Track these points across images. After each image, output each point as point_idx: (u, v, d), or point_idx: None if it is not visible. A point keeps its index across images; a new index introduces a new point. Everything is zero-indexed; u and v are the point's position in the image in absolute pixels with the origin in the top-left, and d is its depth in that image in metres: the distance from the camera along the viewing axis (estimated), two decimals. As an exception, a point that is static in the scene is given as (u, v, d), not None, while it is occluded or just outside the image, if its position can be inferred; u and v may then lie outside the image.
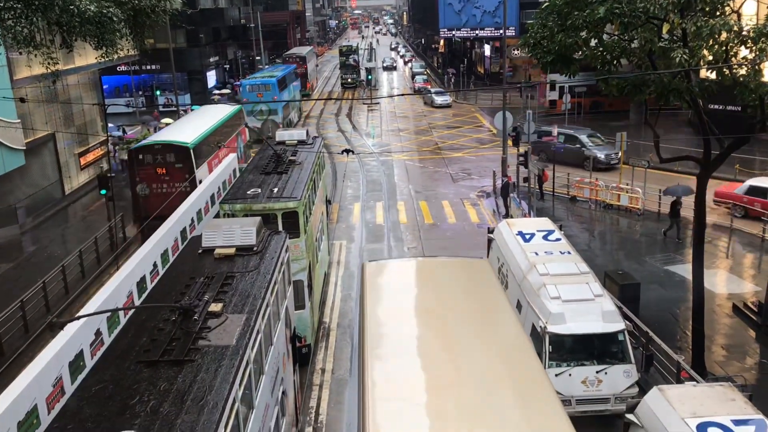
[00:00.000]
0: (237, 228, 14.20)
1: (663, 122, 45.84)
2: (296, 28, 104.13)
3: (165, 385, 9.41)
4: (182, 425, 8.55)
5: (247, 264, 13.38)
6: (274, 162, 21.74)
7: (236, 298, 11.94)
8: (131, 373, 9.75)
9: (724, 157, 17.35)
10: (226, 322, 10.99)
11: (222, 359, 10.01)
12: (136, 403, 9.01)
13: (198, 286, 12.30)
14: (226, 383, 9.45)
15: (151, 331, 10.84)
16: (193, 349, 10.19)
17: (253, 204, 18.53)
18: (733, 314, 21.45)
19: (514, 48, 64.50)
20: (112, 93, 64.31)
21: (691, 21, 14.80)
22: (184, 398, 9.09)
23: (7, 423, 11.97)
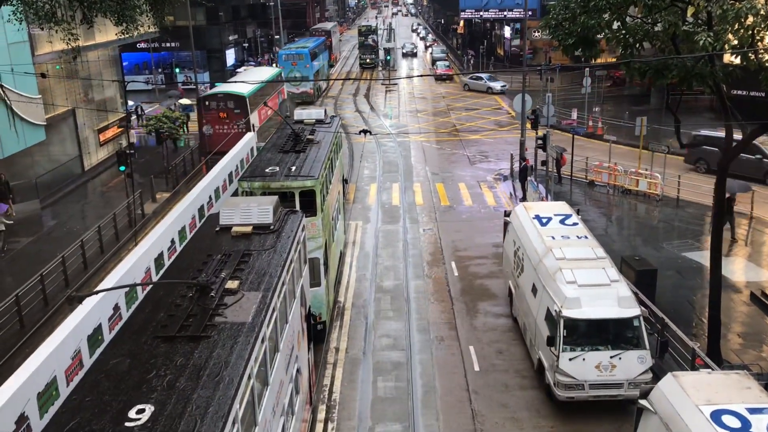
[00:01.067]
0: (254, 206, 14.26)
1: (684, 107, 45.31)
2: (315, 7, 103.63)
3: (181, 360, 9.49)
4: (198, 400, 8.63)
5: (264, 242, 13.44)
6: (292, 141, 21.97)
7: (252, 275, 12.01)
8: (148, 347, 9.84)
9: (746, 143, 17.13)
10: (243, 299, 11.08)
11: (238, 336, 10.08)
12: (153, 378, 9.10)
13: (215, 263, 12.37)
14: (241, 359, 9.52)
15: (169, 306, 10.92)
16: (209, 326, 10.27)
17: (271, 182, 18.79)
18: (750, 302, 21.30)
19: (534, 30, 63.76)
20: (132, 70, 64.48)
21: (716, 4, 14.54)
22: (200, 373, 9.18)
23: (28, 394, 12.20)
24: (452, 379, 17.97)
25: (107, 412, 8.44)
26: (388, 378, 18.08)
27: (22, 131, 29.02)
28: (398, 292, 23.00)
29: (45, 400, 12.80)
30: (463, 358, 18.90)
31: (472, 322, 20.86)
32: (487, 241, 26.93)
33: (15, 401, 11.81)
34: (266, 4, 78.82)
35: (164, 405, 8.52)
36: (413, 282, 23.69)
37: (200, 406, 8.55)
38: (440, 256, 25.84)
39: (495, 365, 18.49)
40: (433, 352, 19.31)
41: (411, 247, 26.71)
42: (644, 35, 16.35)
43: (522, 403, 16.82)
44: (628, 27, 16.43)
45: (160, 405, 8.52)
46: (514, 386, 17.52)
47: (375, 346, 19.65)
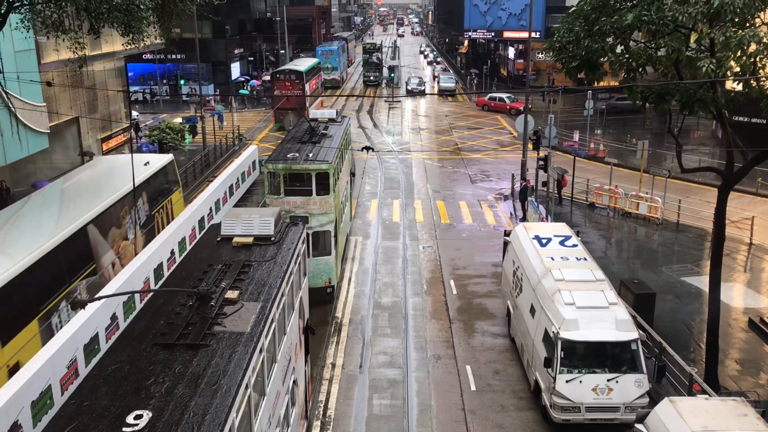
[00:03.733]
0: (256, 217, 14.47)
1: (686, 132, 45.52)
2: (321, 23, 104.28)
3: (180, 367, 9.59)
4: (195, 407, 8.73)
5: (265, 253, 13.59)
6: (308, 134, 25.23)
7: (252, 286, 12.13)
8: (147, 354, 9.92)
9: (747, 169, 17.18)
10: (242, 309, 11.20)
11: (236, 345, 10.18)
12: (151, 384, 9.19)
13: (215, 273, 12.49)
14: (239, 369, 9.62)
15: (168, 315, 11.02)
16: (208, 334, 10.39)
17: (293, 164, 21.99)
18: (748, 329, 21.25)
19: (538, 51, 64.15)
20: (137, 80, 64.82)
21: (719, 31, 14.66)
22: (198, 381, 9.27)
23: (21, 402, 12.15)
24: (448, 398, 17.89)
25: (105, 417, 8.52)
26: (383, 395, 18.00)
27: (26, 138, 29.09)
28: (396, 309, 22.95)
29: (39, 408, 12.74)
30: (460, 377, 18.83)
31: (470, 341, 20.80)
32: (486, 260, 26.92)
33: (8, 409, 11.76)
34: (272, 20, 79.35)
35: (162, 411, 8.61)
36: (412, 299, 23.65)
37: (197, 414, 8.63)
38: (439, 274, 25.82)
39: (491, 385, 18.42)
40: (429, 370, 19.23)
41: (410, 264, 26.69)
42: (647, 60, 16.47)
43: (518, 424, 16.73)
44: (631, 51, 16.55)
45: (158, 411, 8.60)
46: (510, 407, 17.44)
47: (371, 363, 19.58)
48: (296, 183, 22.15)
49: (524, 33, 67.69)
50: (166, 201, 25.10)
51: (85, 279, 17.94)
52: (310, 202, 22.04)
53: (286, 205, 21.85)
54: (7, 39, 24.49)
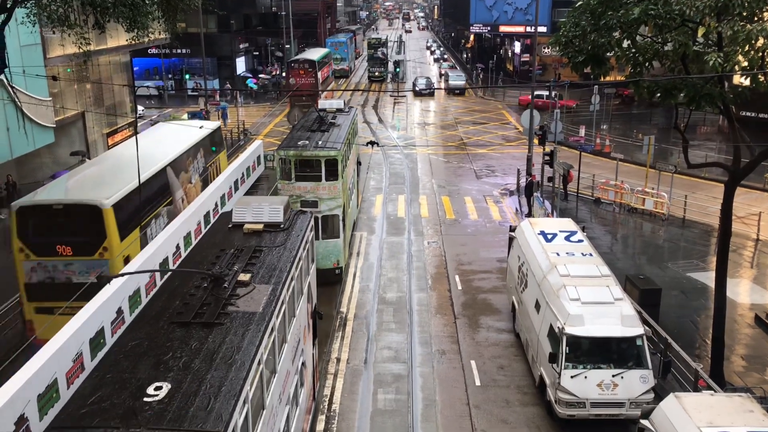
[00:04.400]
0: (266, 205, 14.96)
1: (692, 127, 45.33)
2: (327, 18, 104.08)
3: (196, 344, 10.02)
4: (212, 380, 9.17)
5: (274, 239, 14.05)
6: (318, 123, 26.28)
7: (263, 270, 12.55)
8: (165, 332, 10.35)
9: (754, 165, 17.09)
10: (254, 291, 11.65)
11: (249, 324, 10.60)
12: (170, 359, 9.61)
13: (228, 257, 12.95)
14: (252, 345, 10.05)
15: (183, 296, 11.43)
16: (222, 314, 10.80)
17: (303, 151, 23.12)
18: (754, 325, 21.18)
19: (544, 46, 63.98)
20: (142, 75, 64.86)
21: (727, 25, 14.56)
22: (214, 357, 9.70)
23: (28, 395, 12.20)
24: (453, 393, 17.89)
25: (127, 388, 8.94)
26: (388, 390, 18.02)
27: (32, 133, 29.19)
28: (401, 304, 22.95)
29: (45, 401, 12.80)
30: (465, 372, 18.83)
31: (475, 336, 20.79)
32: (491, 255, 26.89)
33: (15, 402, 11.81)
34: (278, 14, 79.25)
35: (180, 383, 9.04)
36: (416, 294, 23.65)
37: (214, 386, 9.06)
38: (444, 269, 25.80)
39: (496, 380, 18.41)
40: (434, 365, 19.24)
41: (415, 260, 26.68)
42: (654, 54, 16.37)
43: (522, 420, 16.73)
44: (638, 46, 16.46)
45: (176, 383, 9.03)
46: (514, 402, 17.44)
47: (376, 358, 19.59)
48: (306, 169, 23.19)
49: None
50: (216, 158, 30.27)
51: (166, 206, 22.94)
52: (319, 187, 23.08)
53: (296, 189, 22.98)
54: (13, 33, 24.52)
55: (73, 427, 8.36)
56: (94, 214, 18.10)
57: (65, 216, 18.15)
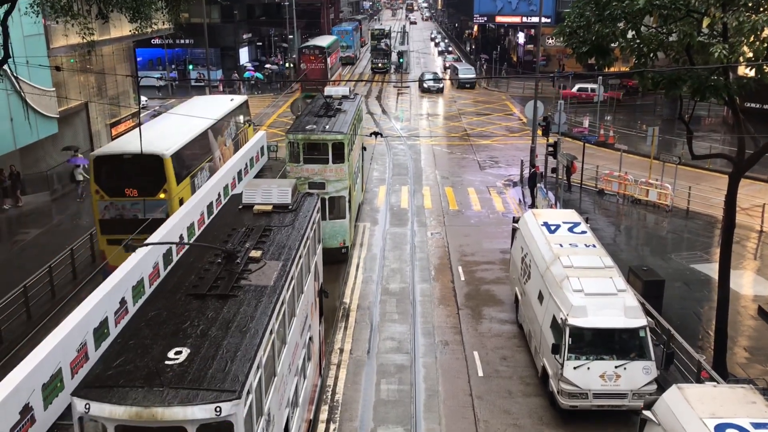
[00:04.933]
0: (274, 187, 15.64)
1: (697, 118, 45.15)
2: (330, 8, 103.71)
3: (212, 314, 10.64)
4: (228, 345, 9.77)
5: (283, 220, 14.71)
6: (324, 108, 27.20)
7: (273, 247, 13.20)
8: (182, 303, 10.97)
9: (759, 156, 17.03)
10: (265, 266, 12.28)
11: (261, 296, 11.25)
12: (188, 327, 10.23)
13: (239, 235, 13.58)
14: (264, 316, 10.67)
15: (198, 271, 12.06)
16: (236, 287, 11.44)
17: (311, 135, 24.15)
18: (757, 316, 21.17)
19: (548, 37, 63.70)
20: (146, 66, 64.79)
21: (732, 16, 14.48)
22: (229, 325, 10.31)
23: (33, 385, 12.26)
24: (456, 383, 17.94)
25: (149, 353, 9.54)
26: (391, 381, 18.07)
27: (35, 123, 29.21)
28: (404, 295, 22.98)
29: (50, 391, 12.86)
30: (467, 363, 18.87)
31: (478, 327, 20.82)
32: (494, 246, 26.89)
33: (19, 392, 11.88)
34: (281, 4, 79.02)
35: (199, 349, 9.65)
36: (419, 285, 23.67)
37: (230, 351, 9.65)
38: (447, 260, 25.82)
39: (499, 371, 18.45)
40: (437, 356, 19.28)
41: (418, 251, 26.69)
42: (659, 45, 16.28)
43: (525, 410, 16.77)
44: (642, 36, 16.36)
45: (195, 348, 9.64)
46: (517, 393, 17.48)
47: (379, 349, 19.64)
48: (314, 152, 24.26)
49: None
50: (244, 126, 34.58)
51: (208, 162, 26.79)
52: (326, 170, 24.10)
53: (304, 172, 24.00)
54: (16, 23, 24.50)
55: (102, 386, 8.92)
56: (157, 162, 22.09)
57: (133, 164, 22.04)
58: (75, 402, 8.88)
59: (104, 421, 8.78)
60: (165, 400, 8.70)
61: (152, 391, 8.80)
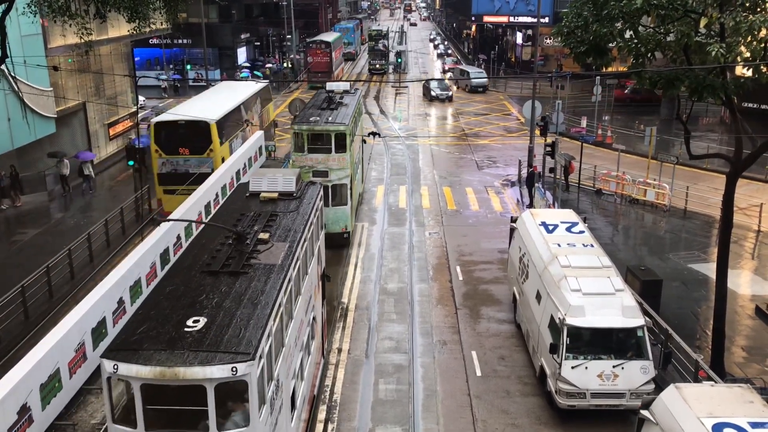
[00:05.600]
0: (279, 176, 16.64)
1: (694, 118, 45.21)
2: (328, 8, 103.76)
3: (225, 288, 11.47)
4: (241, 315, 10.60)
5: (288, 206, 15.62)
6: (327, 102, 28.77)
7: (280, 230, 14.10)
8: (197, 279, 11.82)
9: (756, 156, 17.06)
10: (273, 247, 13.17)
11: (270, 273, 12.09)
12: (204, 299, 11.06)
13: (248, 219, 14.49)
14: (274, 290, 11.53)
15: (211, 251, 12.91)
16: (246, 265, 12.27)
17: (315, 126, 25.61)
18: (755, 316, 21.20)
19: (546, 37, 63.73)
20: (143, 66, 64.72)
21: (730, 16, 14.51)
22: (242, 298, 11.14)
23: (30, 385, 12.25)
24: (454, 383, 17.95)
25: (169, 322, 10.37)
26: (389, 380, 18.08)
27: (33, 123, 29.18)
28: (402, 294, 22.99)
29: (48, 391, 12.84)
30: (465, 362, 18.88)
31: (476, 327, 20.84)
32: (492, 246, 26.91)
33: (17, 392, 11.86)
34: (279, 4, 79.00)
35: (215, 318, 10.47)
36: (418, 285, 23.68)
37: (243, 320, 10.48)
38: (445, 260, 25.83)
39: (497, 371, 18.47)
40: (435, 355, 19.29)
41: (416, 251, 26.70)
42: (656, 45, 16.31)
43: (523, 410, 16.79)
44: (640, 36, 16.39)
45: (211, 318, 10.45)
46: (515, 393, 17.49)
47: (377, 349, 19.65)
48: (318, 142, 25.66)
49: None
50: (267, 106, 39.12)
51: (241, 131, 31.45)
52: (329, 159, 25.51)
53: (308, 161, 25.46)
54: (13, 23, 24.47)
55: (128, 349, 9.75)
56: (205, 127, 27.07)
57: (185, 128, 27.13)
58: (104, 363, 9.61)
59: (131, 379, 9.56)
60: (186, 361, 9.51)
61: (174, 354, 9.62)
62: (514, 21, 69.14)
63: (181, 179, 25.85)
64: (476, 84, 63.06)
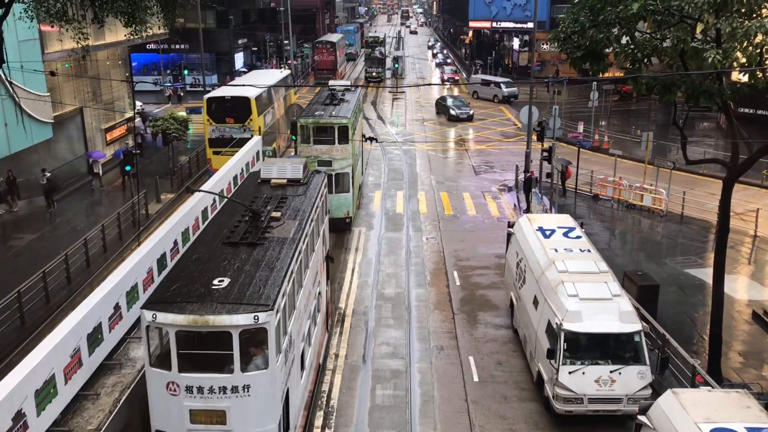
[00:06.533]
0: (288, 164, 18.31)
1: (691, 123, 45.30)
2: (326, 13, 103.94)
3: (245, 256, 13.08)
4: (259, 276, 12.25)
5: (297, 191, 17.22)
6: (330, 98, 31.39)
7: (290, 210, 15.70)
8: (219, 249, 13.42)
9: (752, 161, 17.10)
10: (284, 224, 14.75)
11: (283, 245, 13.73)
12: (226, 264, 12.70)
13: (261, 201, 16.16)
14: (287, 258, 13.15)
15: (230, 227, 14.45)
16: (262, 237, 13.86)
17: (319, 119, 28.08)
18: (752, 321, 21.21)
19: (543, 42, 63.89)
20: (141, 70, 64.70)
21: (726, 21, 14.55)
22: (259, 263, 12.76)
23: (25, 391, 12.18)
24: (451, 389, 17.92)
25: (197, 282, 12.02)
26: (386, 386, 18.04)
27: (30, 128, 29.11)
28: (399, 300, 22.97)
29: (43, 397, 12.78)
30: (463, 368, 18.85)
31: (473, 332, 20.82)
32: (489, 251, 26.91)
33: (12, 398, 11.79)
34: (276, 10, 79.10)
35: (237, 279, 12.11)
36: (415, 290, 23.66)
37: (262, 280, 12.10)
38: (443, 265, 25.82)
39: (494, 376, 18.44)
40: (432, 361, 19.26)
41: (414, 256, 26.69)
42: (653, 50, 16.35)
43: (520, 415, 16.76)
44: (636, 42, 16.44)
45: (234, 279, 12.09)
46: (512, 398, 17.47)
47: (375, 354, 19.62)
48: (322, 134, 28.00)
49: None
50: (290, 92, 46.25)
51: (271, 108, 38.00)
52: (333, 149, 27.83)
53: (314, 151, 27.78)
54: (10, 28, 24.46)
55: (164, 301, 11.46)
56: (247, 102, 33.91)
57: (231, 102, 34.25)
58: (144, 313, 11.31)
59: (167, 327, 11.22)
60: (215, 311, 11.18)
61: (204, 305, 11.31)
62: (510, 27, 69.31)
63: (226, 143, 32.28)
64: (508, 94, 59.13)
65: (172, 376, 11.45)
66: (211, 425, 11.71)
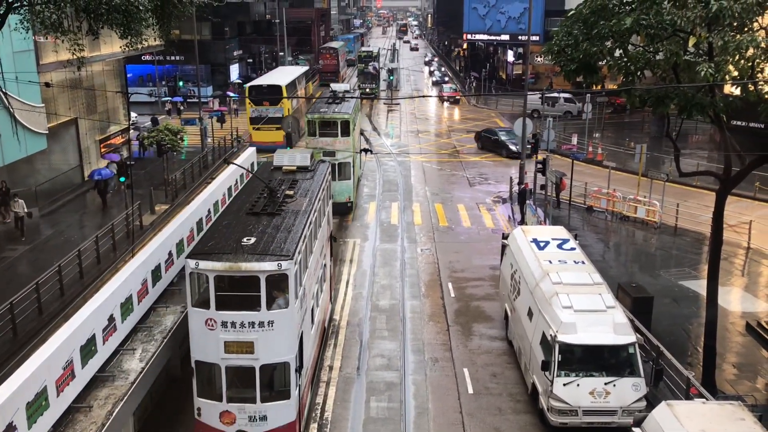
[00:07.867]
0: (297, 154, 21.76)
1: (684, 136, 45.53)
2: (321, 25, 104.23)
3: (266, 222, 16.09)
4: (280, 237, 15.23)
5: (305, 176, 20.32)
6: (332, 98, 36.18)
7: (301, 190, 18.76)
8: (244, 217, 16.50)
9: (745, 173, 17.19)
10: (297, 200, 17.82)
11: (297, 215, 16.68)
12: (251, 228, 15.70)
13: (275, 182, 19.25)
14: (300, 225, 16.10)
15: (251, 202, 17.54)
16: (279, 209, 16.90)
17: (324, 115, 32.67)
18: (746, 333, 21.25)
19: (537, 55, 64.21)
20: (136, 82, 64.71)
21: (718, 35, 14.67)
22: (279, 228, 15.77)
23: (17, 403, 12.11)
24: (446, 401, 17.87)
25: (229, 240, 15.02)
26: (381, 398, 17.99)
27: (24, 139, 29.05)
28: (394, 311, 22.93)
29: (34, 409, 12.70)
30: (457, 380, 18.81)
31: (467, 344, 20.79)
32: (484, 263, 26.92)
33: (3, 411, 11.72)
34: (272, 22, 79.35)
35: (261, 238, 15.13)
36: (409, 302, 23.64)
37: (282, 239, 15.10)
38: (437, 276, 25.81)
39: (489, 388, 18.41)
40: (427, 373, 19.22)
41: (408, 267, 26.68)
42: (646, 63, 16.46)
43: (515, 428, 16.72)
44: (630, 55, 16.55)
45: (259, 237, 15.14)
46: (507, 410, 17.43)
47: (369, 366, 19.56)
48: (327, 128, 32.35)
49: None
50: (308, 84, 58.23)
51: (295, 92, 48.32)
52: (336, 142, 32.16)
53: (319, 143, 31.99)
54: (6, 39, 24.47)
55: (204, 252, 14.51)
56: (278, 89, 45.47)
57: (267, 89, 45.65)
58: (188, 262, 14.21)
59: (207, 272, 14.11)
60: (246, 259, 14.11)
61: (237, 255, 14.18)
62: (504, 39, 69.63)
63: (262, 120, 43.47)
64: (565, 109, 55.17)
65: (211, 314, 14.14)
66: (241, 354, 14.22)
